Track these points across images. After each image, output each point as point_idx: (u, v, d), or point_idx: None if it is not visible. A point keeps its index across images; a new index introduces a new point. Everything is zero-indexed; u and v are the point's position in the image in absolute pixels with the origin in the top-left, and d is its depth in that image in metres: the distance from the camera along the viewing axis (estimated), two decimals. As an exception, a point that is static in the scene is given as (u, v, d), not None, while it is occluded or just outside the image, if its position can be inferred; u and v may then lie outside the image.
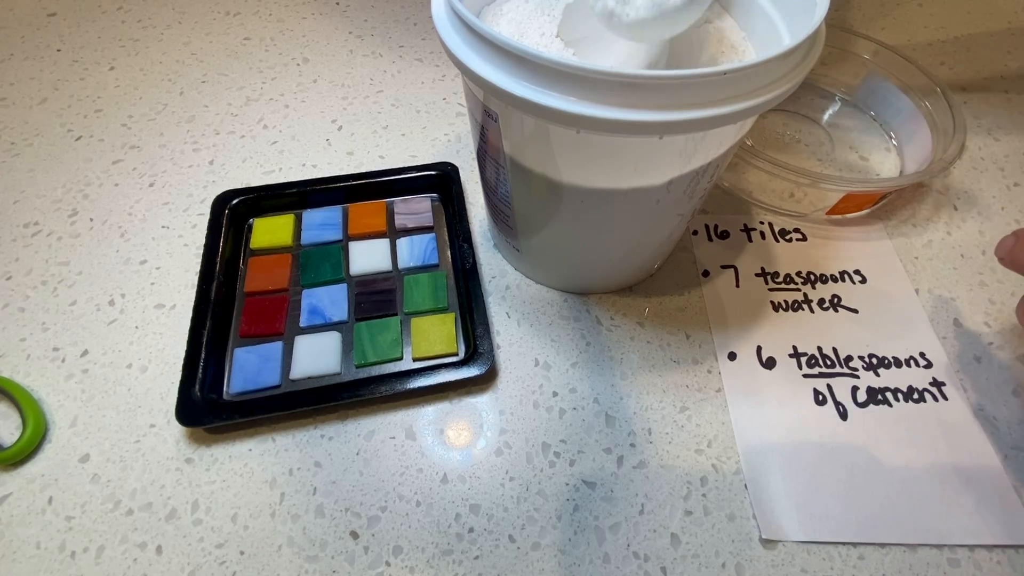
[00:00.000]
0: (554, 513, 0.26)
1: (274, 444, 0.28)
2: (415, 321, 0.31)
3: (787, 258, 0.35)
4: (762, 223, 0.36)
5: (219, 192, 0.35)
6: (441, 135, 0.41)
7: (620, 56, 0.25)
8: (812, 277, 0.34)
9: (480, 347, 0.29)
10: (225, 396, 0.28)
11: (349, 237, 0.34)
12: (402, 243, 0.34)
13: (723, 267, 0.34)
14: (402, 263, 0.33)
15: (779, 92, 0.19)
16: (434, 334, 0.30)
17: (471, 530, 0.25)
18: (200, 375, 0.28)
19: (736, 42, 0.25)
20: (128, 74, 0.45)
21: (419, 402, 0.29)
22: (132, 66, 0.46)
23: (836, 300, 0.33)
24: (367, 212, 0.35)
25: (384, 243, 0.34)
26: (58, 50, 0.47)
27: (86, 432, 0.28)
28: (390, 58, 0.46)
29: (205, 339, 0.29)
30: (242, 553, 0.25)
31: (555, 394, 0.29)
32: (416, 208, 0.35)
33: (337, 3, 0.51)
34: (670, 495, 0.26)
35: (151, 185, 0.38)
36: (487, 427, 0.28)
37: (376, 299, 0.32)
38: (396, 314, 0.31)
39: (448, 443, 0.28)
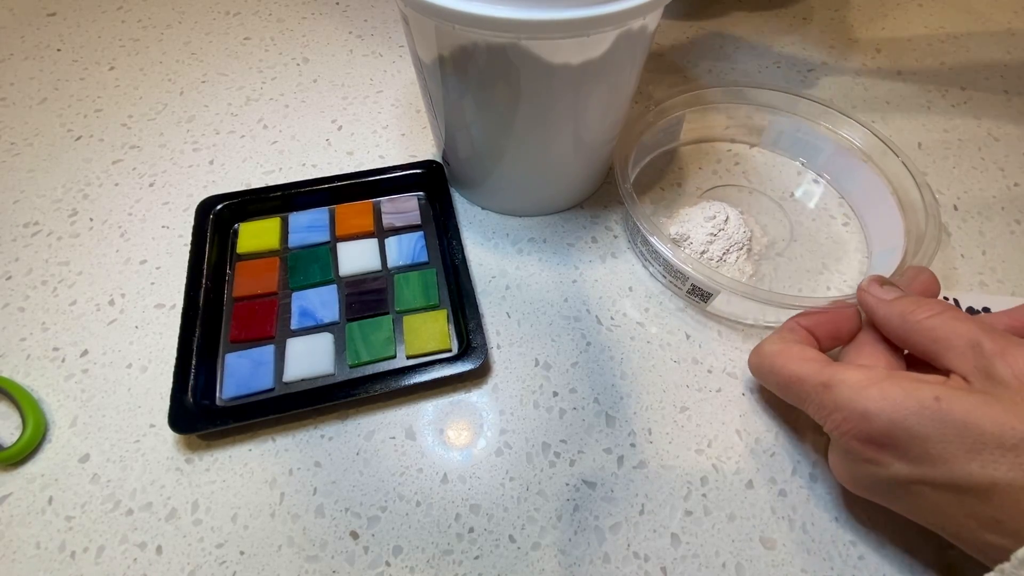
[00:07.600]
0: (554, 513, 0.26)
1: (274, 444, 0.28)
2: (407, 319, 0.31)
3: None
4: None
5: (215, 193, 0.35)
6: (441, 135, 0.41)
7: None
8: None
9: (473, 342, 0.29)
10: (218, 402, 0.28)
11: (337, 238, 0.34)
12: (391, 242, 0.34)
13: None
14: (391, 262, 0.33)
15: None
16: (426, 331, 0.30)
17: (471, 530, 0.25)
18: (192, 382, 0.28)
19: None
20: (128, 74, 0.45)
21: (418, 399, 0.29)
22: (132, 66, 0.46)
23: None
24: (354, 213, 0.35)
25: (372, 243, 0.34)
26: (58, 50, 0.47)
27: (86, 432, 0.28)
28: (390, 58, 0.46)
29: (195, 346, 0.29)
30: (242, 553, 0.25)
31: (555, 394, 0.29)
32: (403, 207, 0.35)
33: (337, 3, 0.51)
34: (670, 495, 0.26)
35: (151, 185, 0.38)
36: (487, 427, 0.28)
37: (367, 299, 0.32)
38: (388, 313, 0.31)
39: (448, 443, 0.28)
